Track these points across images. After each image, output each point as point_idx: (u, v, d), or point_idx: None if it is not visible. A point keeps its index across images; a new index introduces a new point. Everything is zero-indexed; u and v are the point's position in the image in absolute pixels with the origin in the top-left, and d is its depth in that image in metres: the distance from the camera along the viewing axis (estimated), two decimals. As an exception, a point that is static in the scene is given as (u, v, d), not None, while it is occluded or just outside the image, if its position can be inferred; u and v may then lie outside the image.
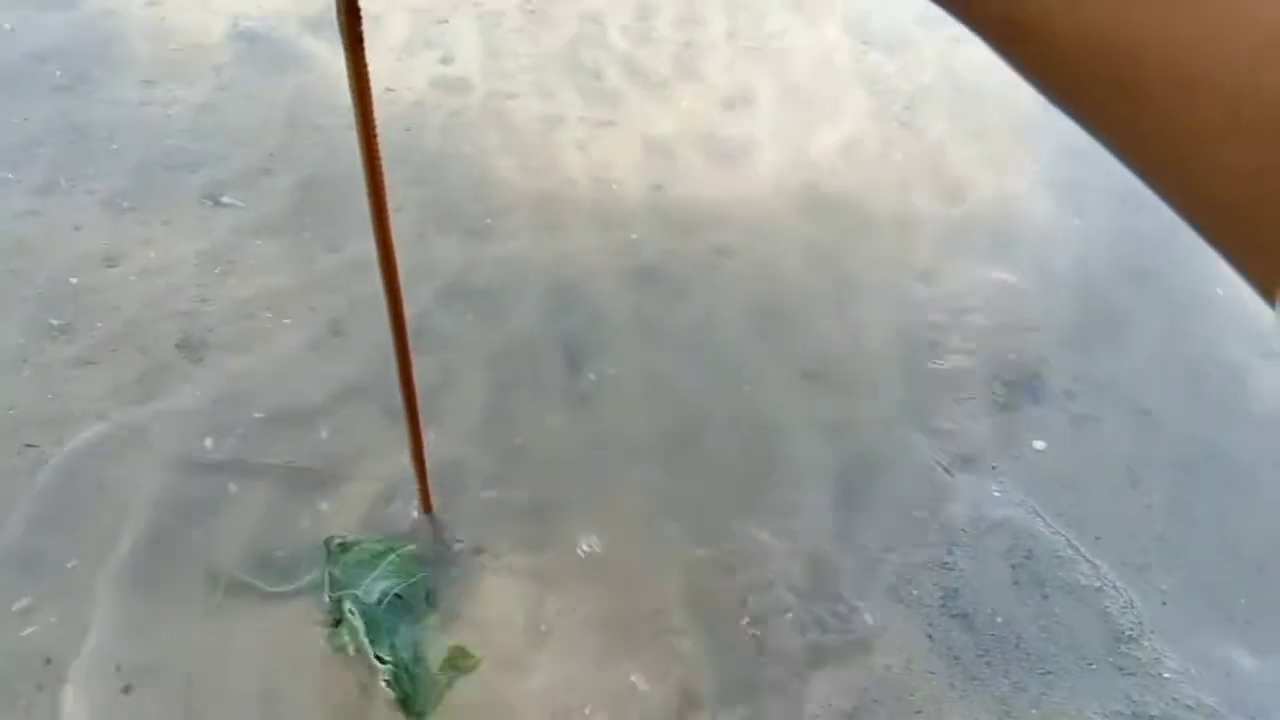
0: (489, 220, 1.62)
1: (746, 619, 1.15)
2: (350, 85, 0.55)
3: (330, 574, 1.09)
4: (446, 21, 1.99)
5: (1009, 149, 1.98)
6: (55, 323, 1.31)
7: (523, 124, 1.80)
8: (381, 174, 0.69)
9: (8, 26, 1.75)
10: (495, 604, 1.11)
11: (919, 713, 1.10)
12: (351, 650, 1.03)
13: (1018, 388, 1.56)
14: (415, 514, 1.17)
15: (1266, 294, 0.22)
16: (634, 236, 1.65)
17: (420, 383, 0.98)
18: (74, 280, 1.36)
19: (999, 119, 2.05)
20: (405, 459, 1.14)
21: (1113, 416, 1.54)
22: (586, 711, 1.03)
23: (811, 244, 1.71)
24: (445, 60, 1.90)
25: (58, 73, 1.67)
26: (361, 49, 0.51)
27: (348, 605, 1.06)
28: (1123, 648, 1.20)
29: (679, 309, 1.55)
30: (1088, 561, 1.30)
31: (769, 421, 1.41)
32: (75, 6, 1.82)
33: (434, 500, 1.17)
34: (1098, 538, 1.33)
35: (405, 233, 1.55)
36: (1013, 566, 1.28)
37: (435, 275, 1.50)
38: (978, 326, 1.64)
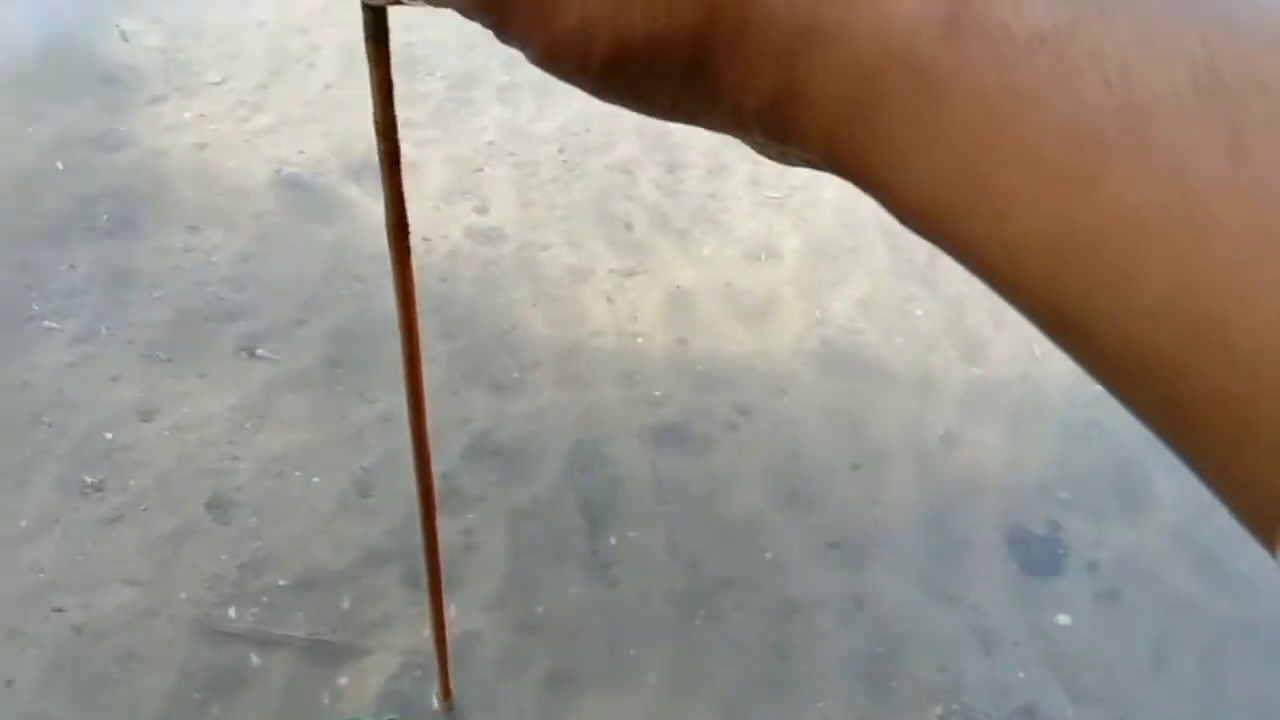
0: (516, 374, 1.65)
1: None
2: (396, 299, 0.56)
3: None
4: (482, 170, 2.06)
5: (1028, 308, 2.01)
6: (89, 480, 1.33)
7: (553, 275, 1.85)
8: (420, 359, 0.67)
9: (61, 166, 1.82)
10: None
11: None
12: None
13: (1040, 558, 1.57)
14: (435, 702, 1.17)
15: (1264, 539, 0.19)
16: (657, 393, 1.68)
17: (442, 546, 0.99)
18: (109, 435, 1.39)
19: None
20: (426, 631, 1.15)
21: (1137, 591, 1.54)
22: None
23: (831, 404, 1.73)
24: (480, 210, 1.96)
25: (105, 217, 1.73)
26: (409, 262, 0.51)
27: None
28: None
29: (700, 470, 1.57)
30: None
31: (790, 594, 1.41)
32: (127, 146, 1.89)
33: (452, 679, 1.18)
34: (1120, 728, 1.32)
35: (435, 386, 1.57)
36: (1034, 760, 1.27)
37: (462, 431, 1.53)
38: (999, 492, 1.65)
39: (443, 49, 2.35)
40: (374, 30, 0.38)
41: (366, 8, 0.37)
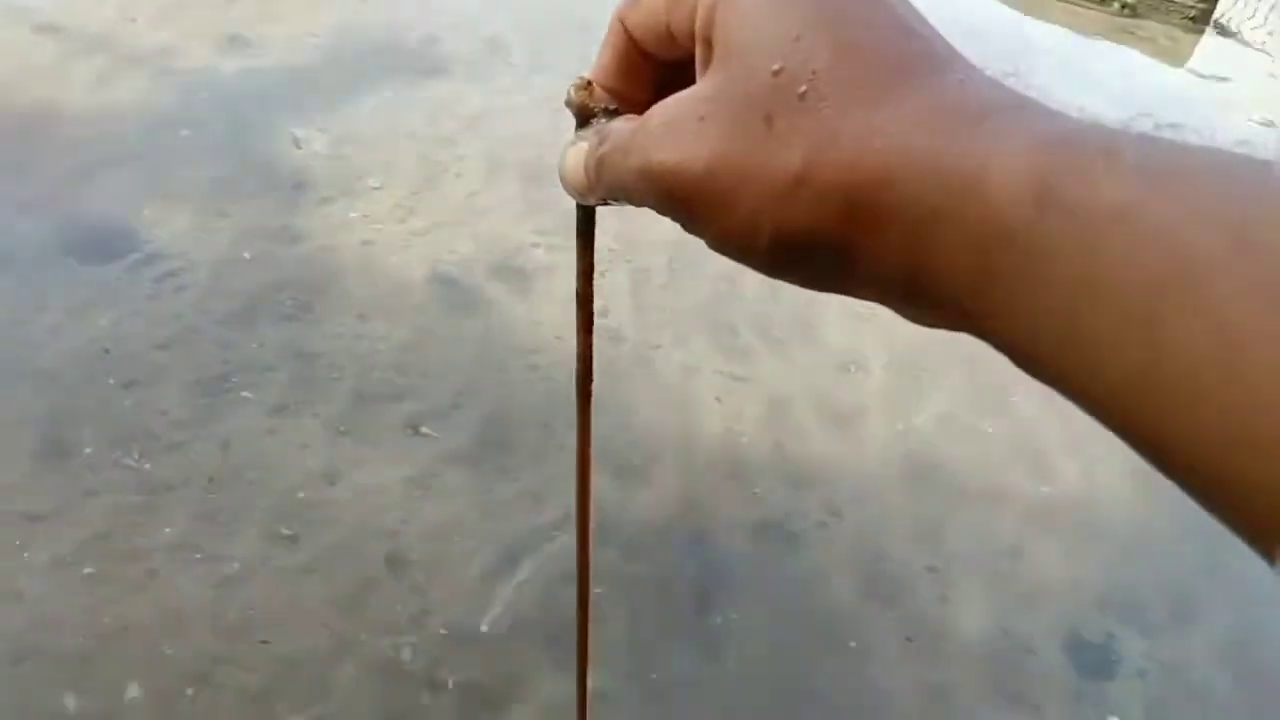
0: (637, 462, 1.87)
1: None
2: (577, 435, 0.54)
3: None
4: (604, 275, 2.31)
5: (1094, 433, 2.20)
6: (285, 532, 1.58)
7: (667, 374, 2.08)
8: (590, 482, 0.59)
9: (248, 256, 2.10)
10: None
11: None
12: None
13: (1095, 664, 1.74)
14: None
15: (1263, 550, 0.22)
16: (757, 490, 1.90)
17: (571, 614, 1.21)
18: (301, 495, 1.64)
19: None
20: (565, 686, 1.36)
21: (1184, 699, 1.71)
22: None
23: (911, 511, 1.93)
24: (602, 312, 2.21)
25: (288, 302, 2.00)
26: (589, 408, 0.52)
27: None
28: None
29: (793, 563, 1.78)
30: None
31: (872, 684, 1.61)
32: (303, 241, 2.18)
33: (592, 727, 1.38)
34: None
35: (566, 471, 1.81)
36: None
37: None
38: (1059, 602, 1.84)
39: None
40: (584, 225, 0.42)
41: (579, 206, 0.41)
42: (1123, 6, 4.59)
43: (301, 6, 3.05)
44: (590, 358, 0.47)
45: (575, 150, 0.36)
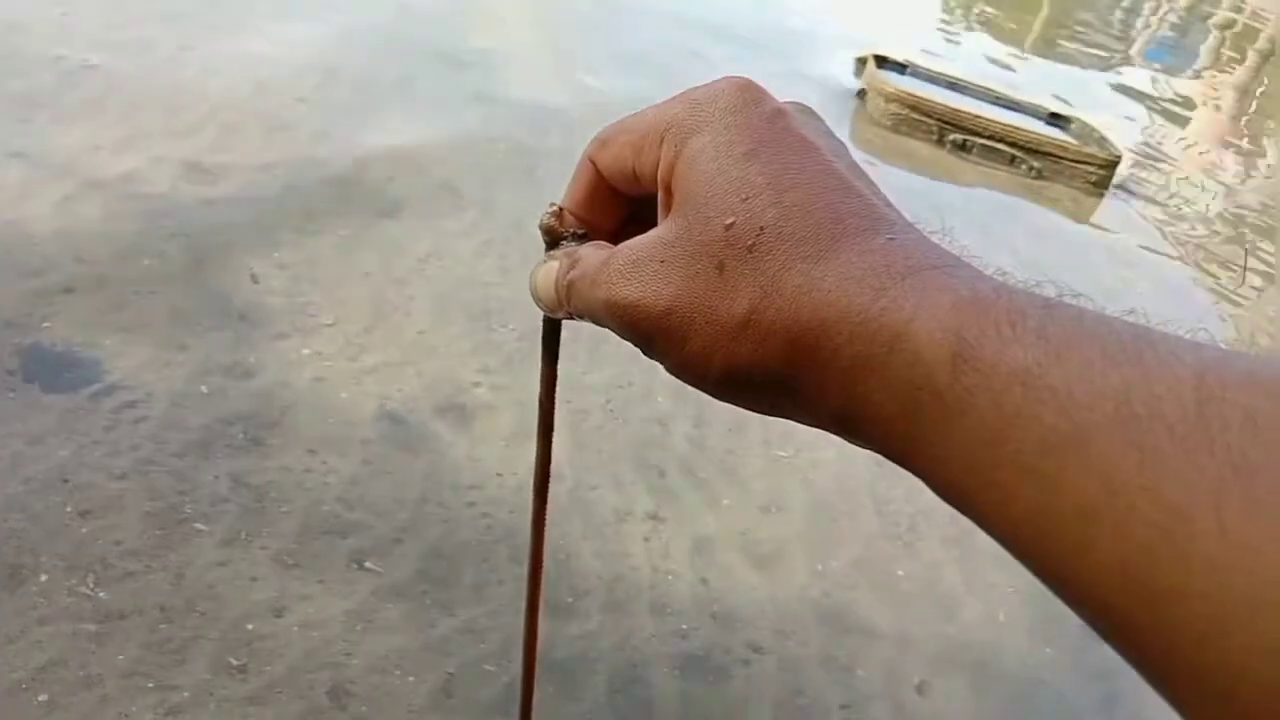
0: (570, 599, 1.98)
1: None
2: (530, 539, 0.54)
3: None
4: (543, 415, 2.45)
5: (994, 575, 2.37)
6: (234, 662, 1.65)
7: (601, 514, 2.21)
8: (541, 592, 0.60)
9: (204, 389, 2.20)
10: None
11: None
12: None
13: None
14: None
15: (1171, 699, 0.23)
16: (684, 626, 2.01)
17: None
18: (250, 626, 1.72)
19: (986, 543, 2.46)
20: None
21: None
22: None
23: (827, 649, 2.06)
24: (541, 450, 2.34)
25: (241, 436, 2.10)
26: (545, 512, 0.52)
27: None
28: None
29: (719, 698, 1.89)
30: None
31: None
32: (256, 375, 2.28)
33: None
34: None
35: (504, 604, 1.91)
36: None
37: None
38: (962, 739, 1.97)
39: (515, 305, 2.80)
40: (549, 338, 0.44)
41: (546, 319, 0.43)
42: (1030, 169, 4.97)
43: (261, 139, 3.21)
44: (548, 461, 0.49)
45: (546, 270, 0.40)
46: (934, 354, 0.27)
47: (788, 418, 0.34)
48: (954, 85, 5.61)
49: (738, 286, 0.32)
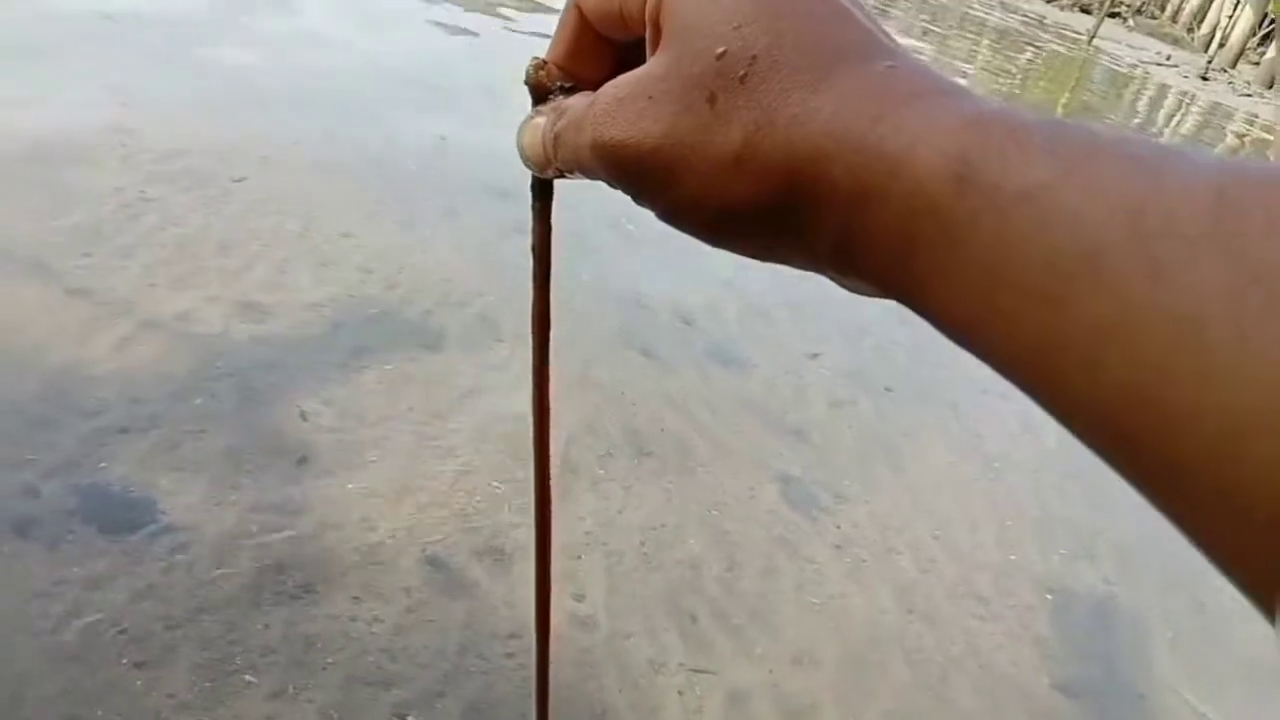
0: (605, 755, 2.01)
1: None
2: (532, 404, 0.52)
3: None
4: (579, 558, 2.51)
5: (1025, 732, 2.39)
6: (281, 824, 1.69)
7: (636, 665, 2.25)
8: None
9: (254, 530, 2.27)
10: None
11: None
12: None
13: None
14: None
15: (1263, 607, 0.22)
16: (718, 785, 2.03)
17: None
18: (297, 784, 1.76)
19: (1018, 694, 2.48)
20: None
21: None
22: None
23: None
24: (577, 596, 2.39)
25: (289, 582, 2.16)
26: (548, 355, 0.50)
27: None
28: None
29: None
30: None
31: None
32: (305, 516, 2.35)
33: None
34: None
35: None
36: None
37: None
38: None
39: (553, 434, 2.86)
40: (540, 197, 0.43)
41: (535, 179, 0.42)
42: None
43: (309, 277, 3.33)
44: (547, 313, 0.48)
45: (532, 125, 0.39)
46: (936, 178, 0.26)
47: (782, 261, 0.32)
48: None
49: (730, 119, 0.30)
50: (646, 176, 0.32)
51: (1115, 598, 3.06)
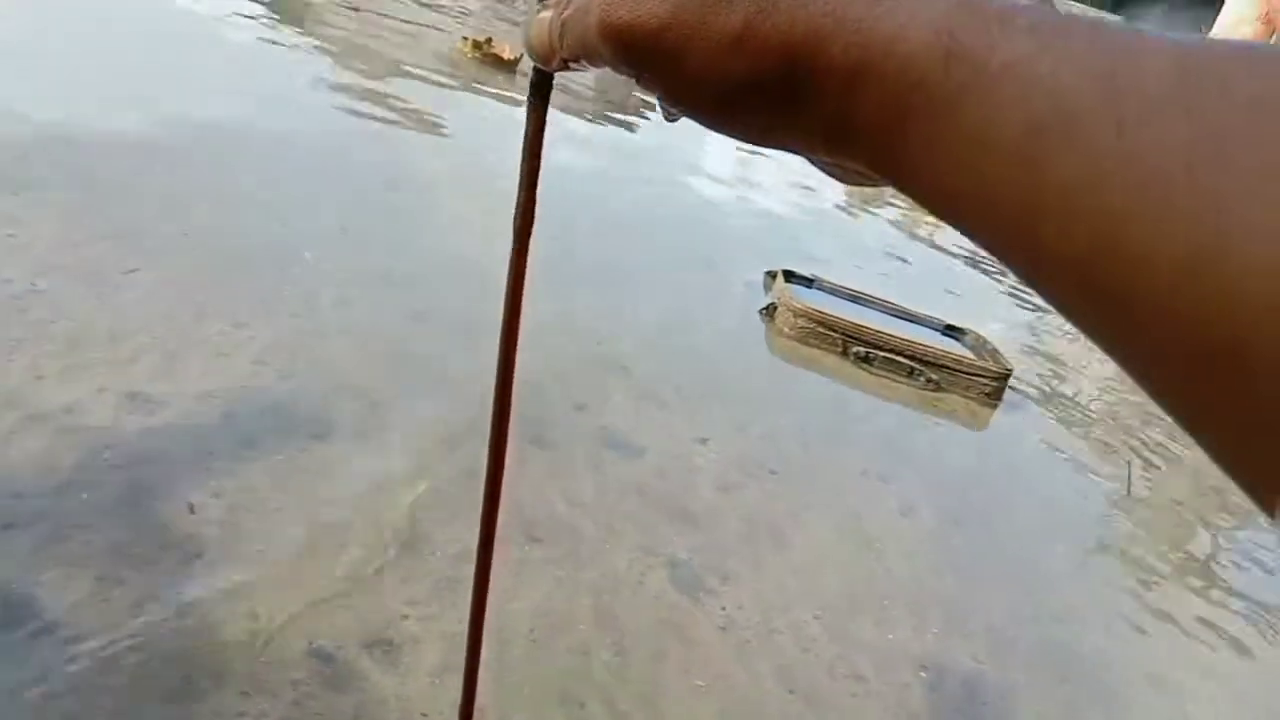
0: (491, 845, 2.05)
1: None
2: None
3: None
4: (469, 647, 2.55)
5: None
6: None
7: (522, 752, 2.29)
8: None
9: (140, 624, 2.27)
10: None
11: None
12: None
13: None
14: None
15: (1262, 503, 0.23)
16: None
17: None
18: None
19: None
20: None
21: None
22: None
23: None
24: (466, 685, 2.43)
25: (176, 678, 2.16)
26: (526, 253, 0.52)
27: None
28: None
29: None
30: None
31: None
32: (191, 612, 2.35)
33: None
34: None
35: None
36: None
37: None
38: None
39: (446, 526, 2.92)
40: (539, 88, 0.44)
41: (537, 71, 0.43)
42: (928, 381, 5.32)
43: (201, 366, 3.34)
44: (532, 210, 0.49)
45: (539, 19, 0.41)
46: (927, 54, 0.28)
47: (780, 142, 0.34)
48: (856, 299, 6.03)
49: (732, 2, 0.32)
50: (651, 57, 0.34)
51: (984, 675, 3.22)
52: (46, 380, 3.02)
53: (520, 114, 0.44)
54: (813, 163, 0.35)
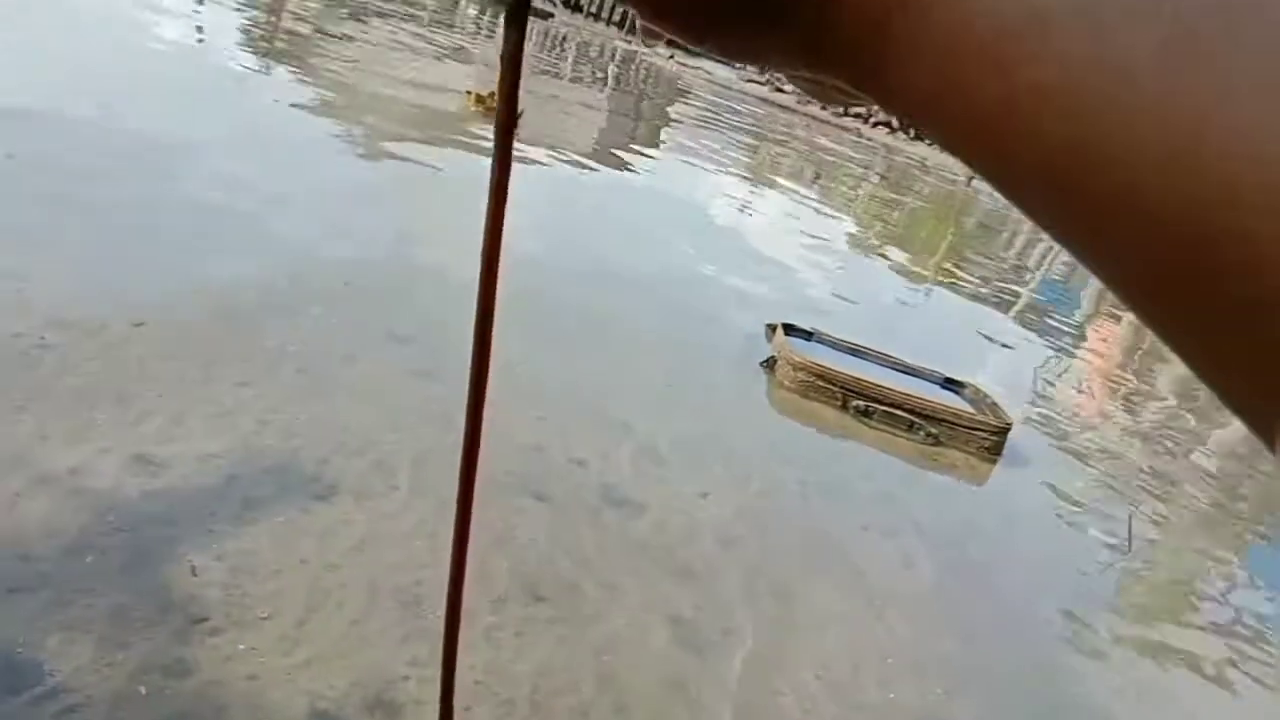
0: None
1: None
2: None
3: None
4: (469, 709, 2.55)
5: None
6: None
7: (523, 817, 2.29)
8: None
9: (143, 691, 2.27)
10: None
11: None
12: None
13: None
14: None
15: (1264, 438, 0.23)
16: None
17: None
18: None
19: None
20: None
21: None
22: None
23: None
24: (467, 748, 2.43)
25: (176, 743, 2.17)
26: (503, 210, 0.46)
27: None
28: None
29: None
30: None
31: None
32: (192, 675, 2.36)
33: None
34: None
35: None
36: None
37: None
38: None
39: (439, 589, 2.93)
40: (515, 10, 0.44)
41: (510, 4, 0.43)
42: (927, 435, 5.34)
43: (205, 427, 3.37)
44: (513, 116, 0.45)
45: None
46: None
47: (761, 59, 0.34)
48: (856, 352, 6.07)
49: None
50: None
51: (987, 733, 3.21)
52: (51, 441, 3.05)
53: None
54: (793, 81, 0.36)
